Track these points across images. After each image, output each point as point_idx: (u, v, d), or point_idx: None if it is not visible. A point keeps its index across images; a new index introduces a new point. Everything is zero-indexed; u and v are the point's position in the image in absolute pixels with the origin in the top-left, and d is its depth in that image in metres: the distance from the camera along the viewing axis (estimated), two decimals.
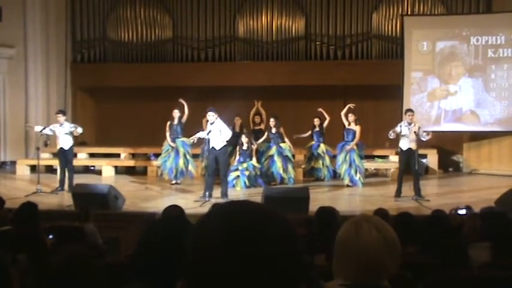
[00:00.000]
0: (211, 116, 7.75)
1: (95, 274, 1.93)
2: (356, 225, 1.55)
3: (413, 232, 3.63)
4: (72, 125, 8.79)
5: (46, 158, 10.78)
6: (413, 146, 8.02)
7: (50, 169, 10.70)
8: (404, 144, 8.09)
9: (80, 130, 8.72)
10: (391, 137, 8.23)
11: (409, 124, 8.08)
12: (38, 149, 9.00)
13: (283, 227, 0.79)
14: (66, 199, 7.80)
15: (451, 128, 11.03)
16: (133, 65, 12.72)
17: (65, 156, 8.62)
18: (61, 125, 8.64)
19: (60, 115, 8.74)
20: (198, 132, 8.12)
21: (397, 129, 8.10)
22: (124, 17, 12.89)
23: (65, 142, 8.63)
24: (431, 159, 11.09)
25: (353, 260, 1.50)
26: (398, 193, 8.05)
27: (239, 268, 0.73)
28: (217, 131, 7.80)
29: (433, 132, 11.44)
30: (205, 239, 0.77)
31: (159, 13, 12.87)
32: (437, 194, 8.61)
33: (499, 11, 11.29)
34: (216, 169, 8.01)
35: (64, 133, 8.61)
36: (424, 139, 8.06)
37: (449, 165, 11.58)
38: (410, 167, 8.01)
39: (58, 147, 8.68)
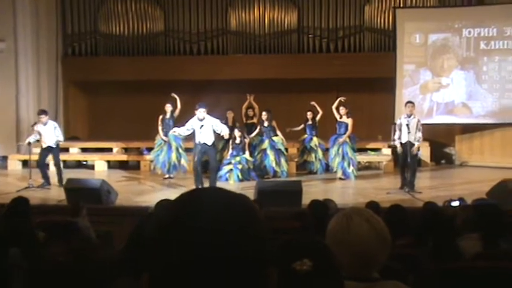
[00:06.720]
0: (201, 112, 7.74)
1: (92, 268, 1.92)
2: (347, 217, 1.55)
3: (405, 224, 3.65)
4: (59, 132, 8.74)
5: (38, 153, 10.70)
6: (412, 139, 8.00)
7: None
8: (404, 137, 8.06)
9: (61, 139, 8.79)
10: (395, 143, 8.23)
11: (409, 116, 8.06)
12: (29, 144, 8.95)
13: (246, 212, 0.78)
14: (58, 194, 7.76)
15: (443, 120, 11.07)
16: (125, 59, 12.64)
17: (51, 154, 8.66)
18: (45, 124, 8.64)
19: (42, 115, 8.73)
20: (177, 127, 8.11)
21: (397, 126, 8.14)
22: (115, 10, 12.78)
23: (52, 140, 8.64)
24: (424, 151, 11.12)
25: (344, 252, 1.51)
26: (403, 185, 8.03)
27: (198, 257, 0.73)
28: (209, 127, 7.80)
29: (425, 124, 11.44)
30: (161, 229, 0.76)
31: (150, 6, 12.77)
32: (430, 187, 8.64)
33: (491, 3, 11.31)
34: (206, 162, 8.05)
35: (49, 131, 8.62)
36: None
37: (441, 158, 11.63)
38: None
39: (45, 145, 8.66)
